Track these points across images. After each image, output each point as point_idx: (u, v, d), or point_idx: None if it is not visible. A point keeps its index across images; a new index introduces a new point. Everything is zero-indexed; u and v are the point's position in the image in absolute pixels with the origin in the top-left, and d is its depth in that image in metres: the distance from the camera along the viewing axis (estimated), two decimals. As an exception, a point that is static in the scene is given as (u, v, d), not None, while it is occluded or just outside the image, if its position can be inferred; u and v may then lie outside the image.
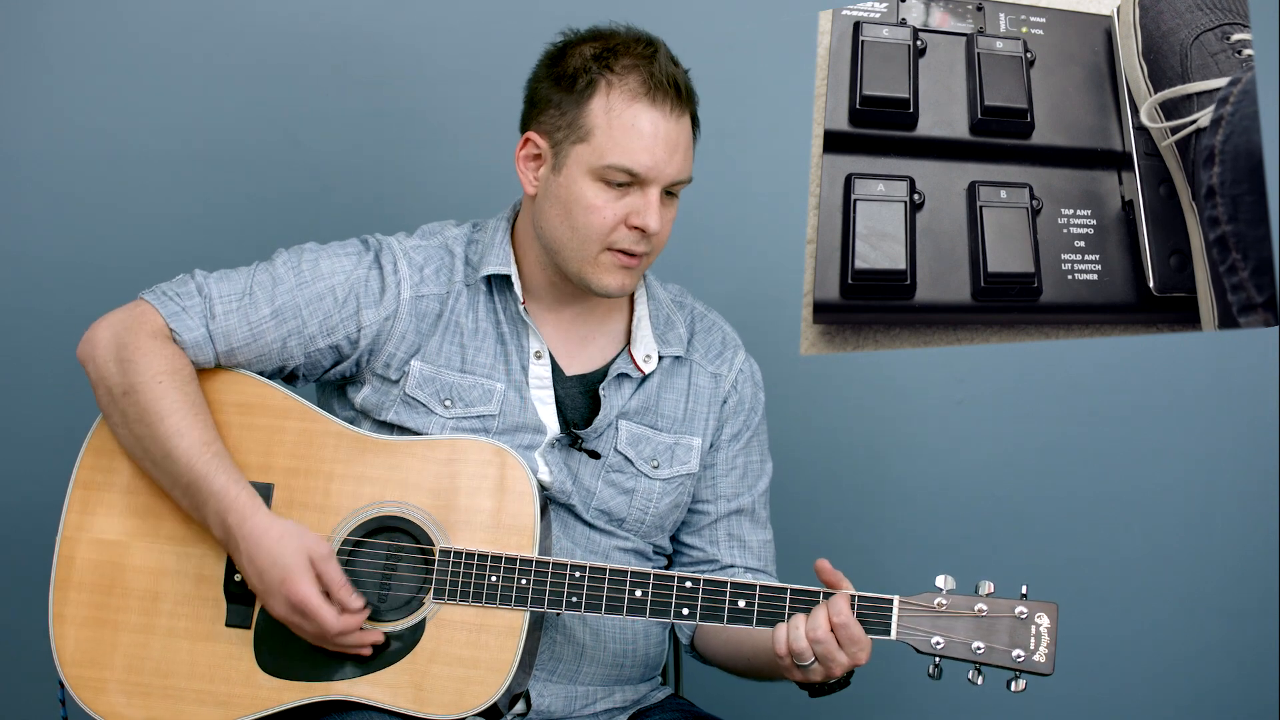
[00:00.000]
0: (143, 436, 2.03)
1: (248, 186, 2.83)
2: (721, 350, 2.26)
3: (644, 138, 2.05)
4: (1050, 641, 1.95)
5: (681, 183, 2.10)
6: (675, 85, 2.07)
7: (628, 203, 2.06)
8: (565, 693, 2.15)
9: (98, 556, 2.06)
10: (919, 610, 1.96)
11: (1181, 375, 2.91)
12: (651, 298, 2.23)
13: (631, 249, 2.07)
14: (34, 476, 2.68)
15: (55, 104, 2.80)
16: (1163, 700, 2.94)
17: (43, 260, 2.79)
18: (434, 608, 2.02)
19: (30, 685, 2.57)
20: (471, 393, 2.12)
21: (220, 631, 2.04)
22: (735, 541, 2.25)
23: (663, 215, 2.08)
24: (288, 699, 2.01)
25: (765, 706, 2.83)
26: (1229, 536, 2.92)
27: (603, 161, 2.05)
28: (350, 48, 2.84)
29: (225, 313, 2.08)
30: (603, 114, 2.06)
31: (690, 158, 2.11)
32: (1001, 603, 1.95)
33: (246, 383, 2.10)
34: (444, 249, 2.17)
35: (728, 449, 2.25)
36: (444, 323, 2.14)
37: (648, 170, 2.05)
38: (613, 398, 2.17)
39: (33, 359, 2.79)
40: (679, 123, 2.08)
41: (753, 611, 1.98)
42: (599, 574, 2.00)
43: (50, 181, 2.80)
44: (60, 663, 2.04)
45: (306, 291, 2.11)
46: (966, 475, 2.94)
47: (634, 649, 2.20)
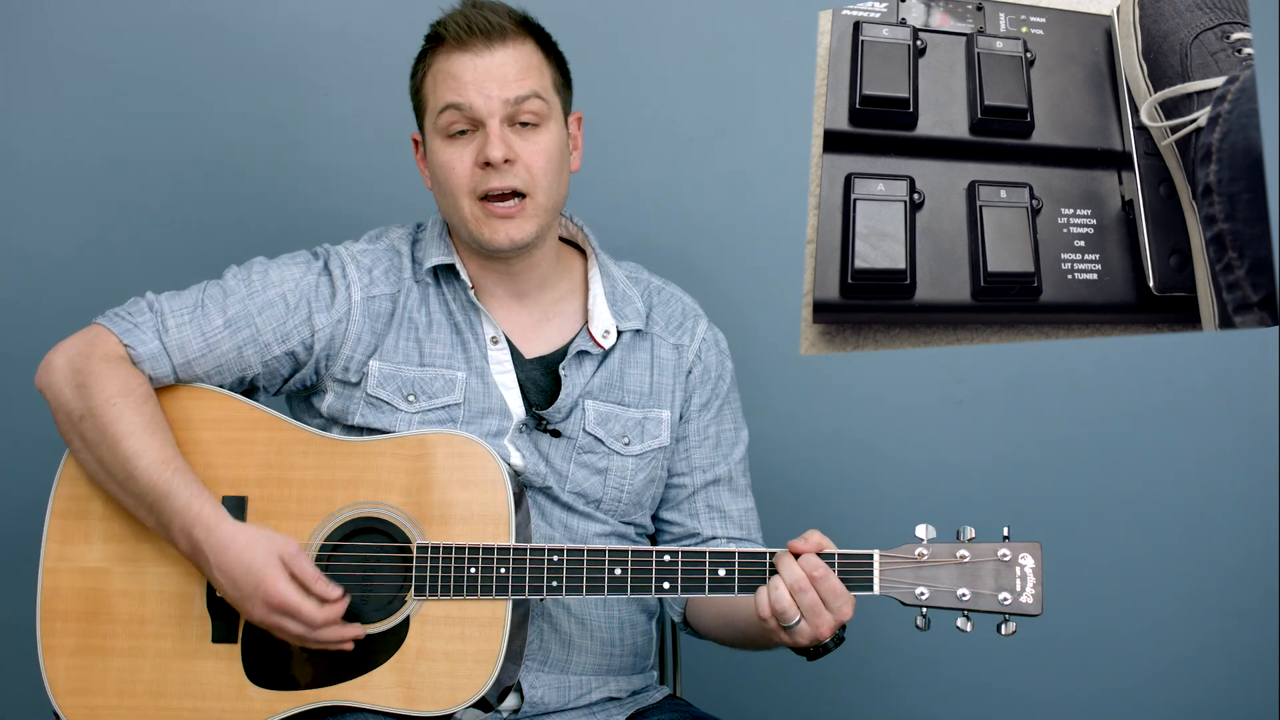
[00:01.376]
0: (104, 460, 2.04)
1: (247, 186, 2.83)
2: (682, 321, 2.28)
3: (458, 79, 2.11)
4: (1036, 581, 1.93)
5: (525, 106, 2.11)
6: (481, 27, 2.10)
7: (473, 146, 2.11)
8: (558, 683, 2.15)
9: (81, 584, 2.07)
10: (900, 562, 1.94)
11: (1181, 375, 2.91)
12: (605, 275, 2.24)
13: (493, 187, 2.09)
14: (34, 475, 2.68)
15: (55, 104, 2.80)
16: (1163, 700, 2.94)
17: (43, 260, 2.79)
18: (416, 605, 2.02)
19: (26, 671, 2.57)
20: (434, 384, 2.14)
21: (207, 648, 2.04)
22: (715, 512, 2.25)
23: (523, 148, 2.10)
24: (281, 709, 2.02)
25: (765, 707, 2.83)
26: (1229, 536, 2.92)
27: (434, 114, 2.12)
28: (350, 48, 2.85)
29: (178, 325, 2.10)
30: (430, 80, 2.15)
31: (529, 78, 2.12)
32: (983, 547, 1.94)
33: (212, 397, 2.11)
34: (391, 250, 2.20)
35: (698, 419, 2.25)
36: (397, 320, 2.16)
37: (471, 104, 2.10)
38: (574, 376, 2.18)
39: (32, 359, 2.78)
40: (492, 55, 2.11)
41: (733, 579, 1.98)
42: (577, 555, 2.01)
43: (50, 181, 2.80)
44: (53, 694, 2.05)
45: (258, 300, 2.13)
46: (966, 475, 2.93)
47: (621, 637, 2.20)
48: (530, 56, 2.13)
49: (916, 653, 2.89)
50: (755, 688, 2.42)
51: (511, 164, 2.09)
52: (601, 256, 2.26)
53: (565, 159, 2.17)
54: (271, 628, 2.00)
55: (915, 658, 2.91)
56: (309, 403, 2.19)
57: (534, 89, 2.11)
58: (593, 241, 2.27)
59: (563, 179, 2.16)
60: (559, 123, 2.16)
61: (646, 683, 2.28)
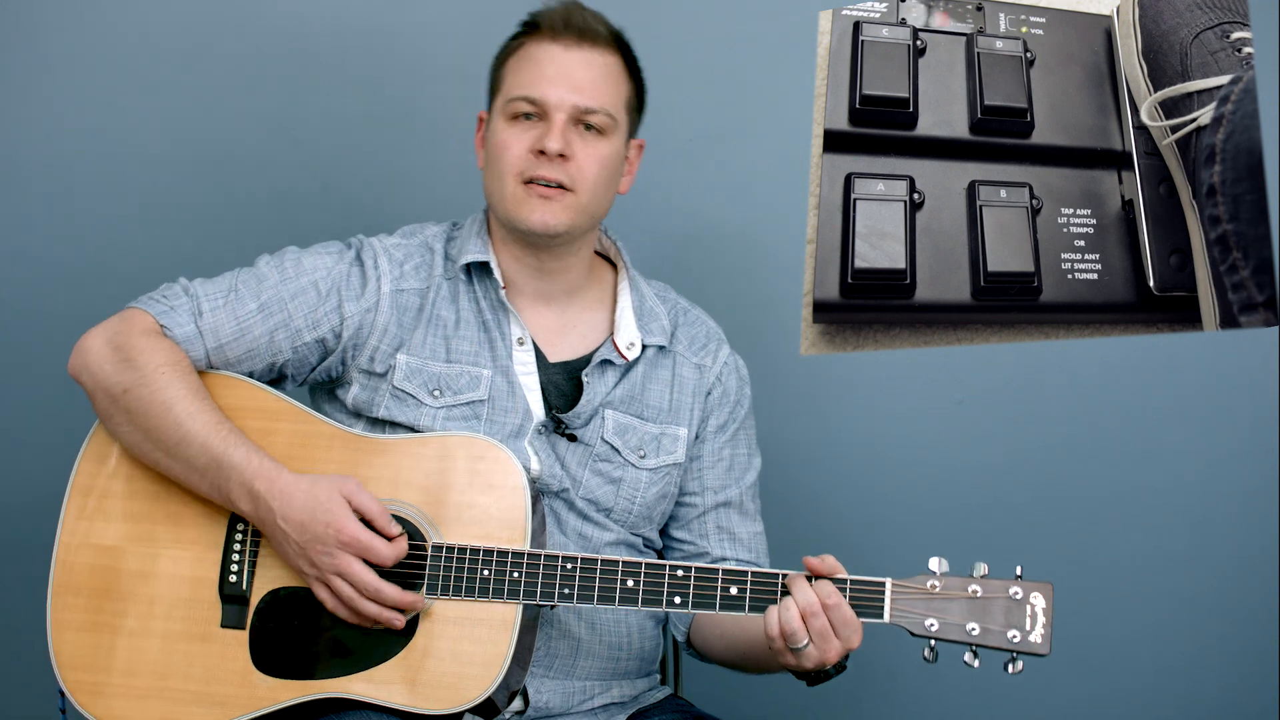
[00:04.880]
0: (151, 430, 2.04)
1: (247, 186, 2.83)
2: (705, 343, 2.29)
3: (539, 67, 2.14)
4: (1046, 622, 1.93)
5: (592, 114, 2.14)
6: (577, 25, 2.15)
7: (533, 133, 2.14)
8: (563, 688, 2.15)
9: (95, 561, 2.07)
10: (912, 592, 1.95)
11: (1181, 375, 2.91)
12: (634, 289, 2.26)
13: (541, 175, 2.12)
14: (34, 475, 2.68)
15: (54, 104, 2.80)
16: (1163, 700, 2.94)
17: (43, 260, 2.79)
18: (427, 603, 2.02)
19: (30, 690, 2.57)
20: (459, 381, 2.15)
21: (216, 633, 2.04)
22: (725, 534, 2.26)
23: (580, 149, 2.14)
24: (284, 698, 2.02)
25: (765, 707, 2.83)
26: (1229, 536, 2.92)
27: (508, 97, 2.16)
28: (349, 47, 2.85)
29: (212, 309, 2.11)
30: (513, 63, 2.18)
31: (605, 90, 2.15)
32: (996, 584, 1.94)
33: (239, 386, 2.11)
34: (424, 246, 2.22)
35: (714, 441, 2.26)
36: (426, 317, 2.17)
37: (543, 95, 2.13)
38: (596, 384, 2.18)
39: (33, 359, 2.78)
40: (580, 54, 2.15)
41: (745, 598, 1.98)
42: (590, 565, 2.01)
43: (50, 181, 2.80)
44: (59, 667, 2.05)
45: (290, 286, 2.14)
46: (966, 475, 2.93)
47: (629, 641, 2.20)
48: (612, 69, 2.17)
49: (916, 654, 2.89)
50: (756, 688, 2.41)
51: (565, 160, 2.13)
52: (632, 272, 2.28)
53: (616, 175, 2.20)
54: (336, 577, 1.98)
55: (915, 658, 2.91)
56: (333, 394, 2.19)
57: (606, 101, 2.15)
58: (625, 257, 2.29)
59: (609, 192, 2.20)
60: (621, 139, 2.19)
61: (649, 686, 2.28)
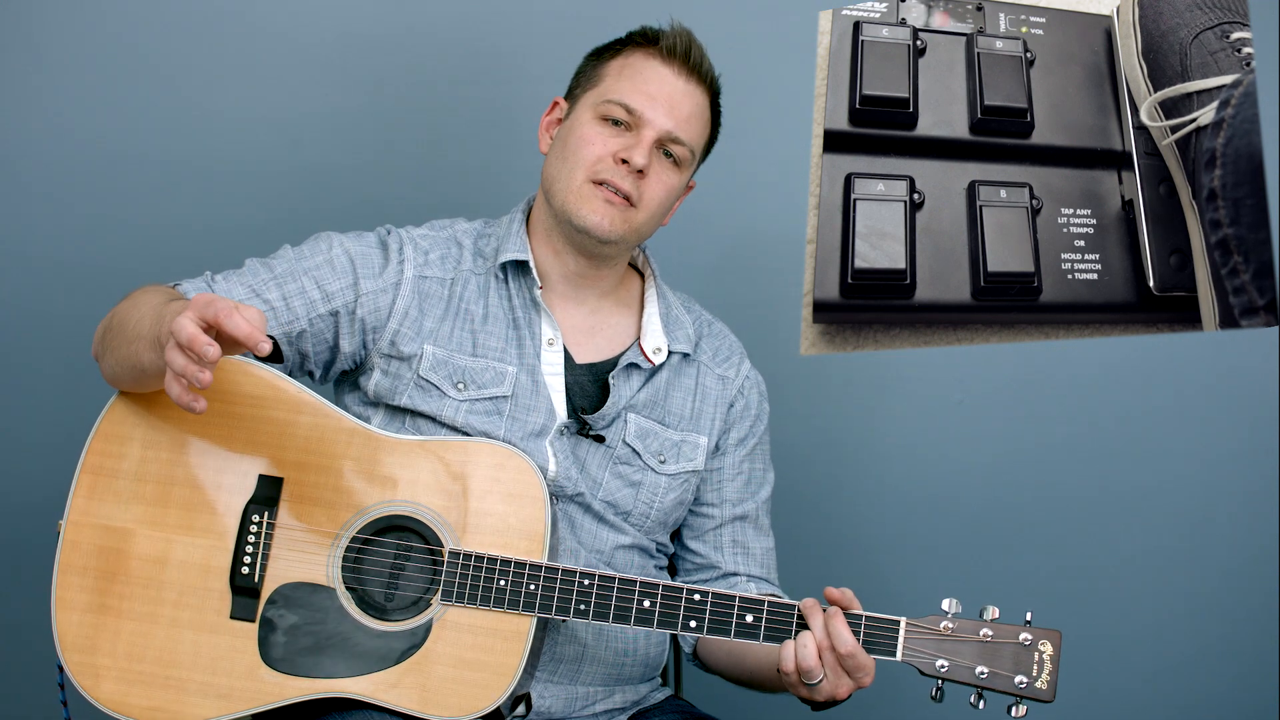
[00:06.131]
0: (127, 333, 1.98)
1: (247, 187, 2.83)
2: (729, 356, 2.32)
3: (645, 82, 2.17)
4: (1052, 669, 1.98)
5: (678, 144, 2.17)
6: (689, 56, 2.18)
7: (621, 141, 2.15)
8: (566, 694, 2.15)
9: (103, 542, 2.04)
10: (925, 632, 1.97)
11: (1181, 375, 2.91)
12: (661, 297, 2.29)
13: (615, 181, 2.14)
14: (34, 474, 2.68)
15: (54, 104, 2.80)
16: (1163, 700, 2.94)
17: (43, 260, 2.79)
18: (441, 609, 2.01)
19: (31, 670, 2.57)
20: (484, 375, 2.15)
21: (224, 624, 2.03)
22: (739, 548, 2.27)
23: (655, 171, 2.16)
24: (290, 694, 2.01)
25: (765, 708, 2.83)
26: (1229, 536, 2.92)
27: (604, 98, 2.17)
28: (350, 48, 2.85)
29: (225, 278, 2.14)
30: (617, 66, 2.20)
31: (694, 126, 2.19)
32: (1006, 628, 1.97)
33: (261, 375, 2.09)
34: (452, 240, 2.23)
35: (734, 453, 2.28)
36: (452, 309, 2.18)
37: (643, 109, 2.15)
38: (621, 387, 2.20)
39: (33, 359, 2.78)
40: (685, 85, 2.19)
41: (760, 627, 1.99)
42: (608, 583, 2.01)
43: (50, 182, 2.80)
44: (61, 648, 2.02)
45: (305, 263, 2.16)
46: (966, 475, 2.94)
47: (635, 648, 2.20)
48: (704, 110, 2.22)
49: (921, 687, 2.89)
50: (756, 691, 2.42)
51: (641, 177, 2.15)
52: (659, 281, 2.31)
53: (670, 205, 2.23)
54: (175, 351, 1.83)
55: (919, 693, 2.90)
56: (356, 383, 2.19)
57: (693, 137, 2.19)
58: (653, 265, 2.32)
59: (660, 219, 2.23)
60: (687, 175, 2.23)
61: (651, 689, 2.28)
